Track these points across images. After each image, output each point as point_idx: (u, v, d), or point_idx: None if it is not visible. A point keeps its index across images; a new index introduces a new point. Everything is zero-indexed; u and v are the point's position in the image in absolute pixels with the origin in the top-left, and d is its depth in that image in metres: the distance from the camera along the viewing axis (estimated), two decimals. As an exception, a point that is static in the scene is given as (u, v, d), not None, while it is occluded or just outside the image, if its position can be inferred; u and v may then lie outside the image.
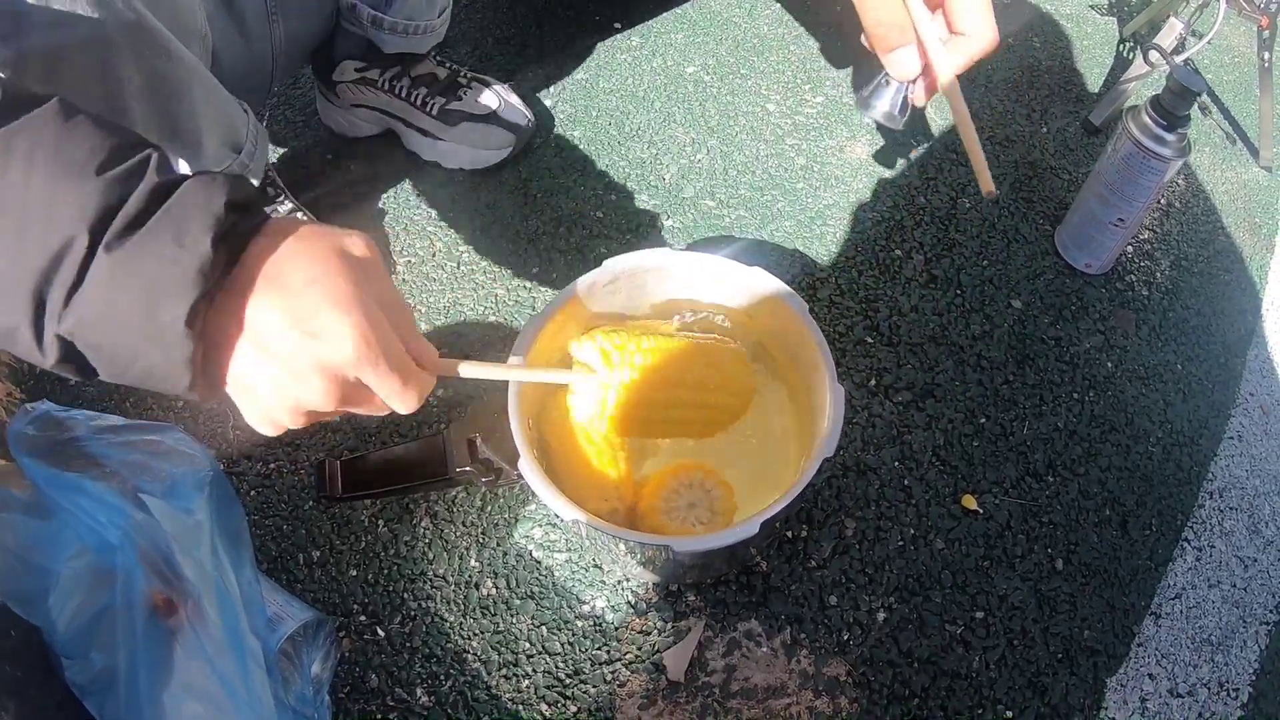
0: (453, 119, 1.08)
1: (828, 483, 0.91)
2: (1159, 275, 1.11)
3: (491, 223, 1.08)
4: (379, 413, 0.52)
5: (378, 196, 1.10)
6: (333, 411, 0.49)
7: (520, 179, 1.12)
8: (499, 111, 1.09)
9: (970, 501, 0.91)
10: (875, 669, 0.82)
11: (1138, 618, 0.87)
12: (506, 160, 1.11)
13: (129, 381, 0.44)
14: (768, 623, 0.83)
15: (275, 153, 1.14)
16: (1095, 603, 0.87)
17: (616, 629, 0.83)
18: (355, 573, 0.85)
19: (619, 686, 0.80)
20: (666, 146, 1.17)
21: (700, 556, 0.76)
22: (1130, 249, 1.12)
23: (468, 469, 0.73)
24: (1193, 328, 1.07)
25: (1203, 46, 1.09)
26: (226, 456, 0.90)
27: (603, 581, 0.85)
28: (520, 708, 0.79)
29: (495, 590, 0.84)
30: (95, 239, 0.41)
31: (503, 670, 0.80)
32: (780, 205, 1.12)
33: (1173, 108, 0.92)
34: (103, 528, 0.61)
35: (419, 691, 0.79)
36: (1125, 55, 1.35)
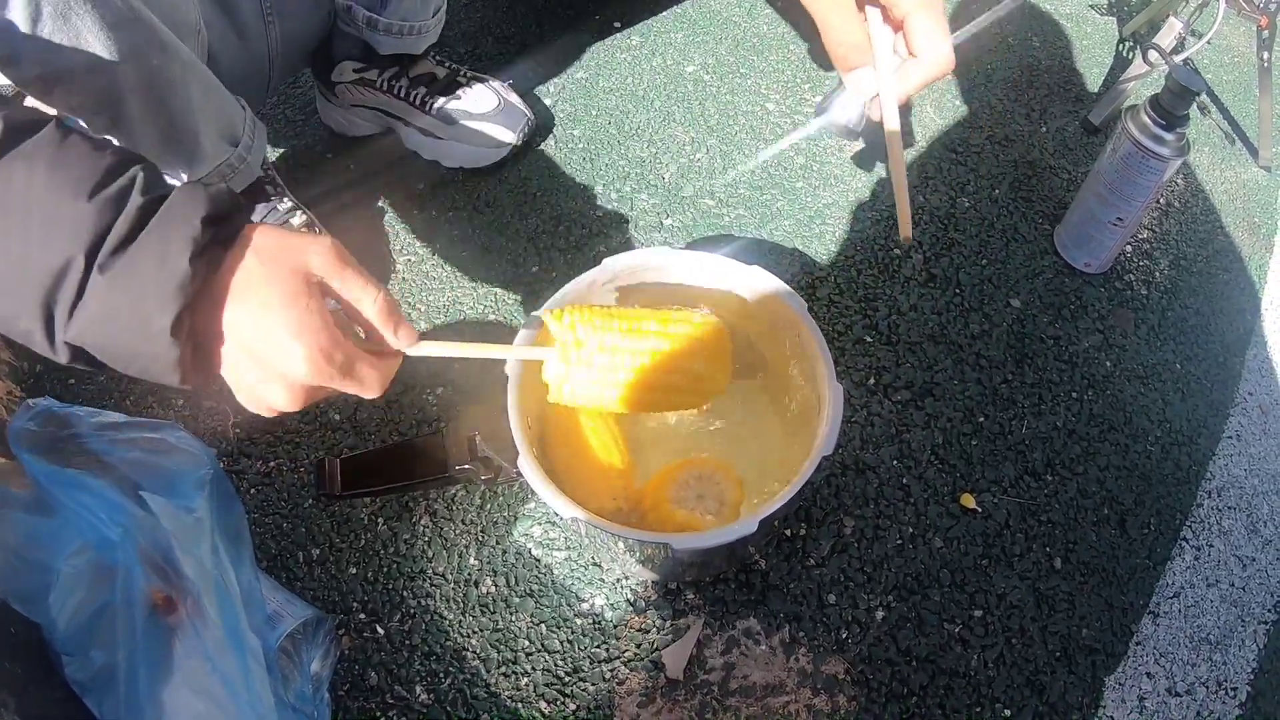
0: (452, 118, 1.08)
1: (826, 481, 0.91)
2: (1158, 274, 1.11)
3: (491, 221, 1.09)
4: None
5: (377, 195, 1.10)
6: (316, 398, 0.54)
7: (520, 178, 1.13)
8: (498, 110, 1.09)
9: (969, 500, 0.91)
10: (874, 667, 0.82)
11: (1136, 616, 0.87)
12: (506, 159, 1.11)
13: (133, 374, 0.50)
14: (766, 621, 0.83)
15: (275, 151, 1.14)
16: (1094, 601, 0.87)
17: (615, 627, 0.83)
18: (355, 570, 0.85)
19: (618, 684, 0.80)
20: (666, 145, 1.17)
21: (699, 554, 0.76)
22: (1129, 248, 1.13)
23: (467, 467, 0.73)
24: (1191, 327, 1.07)
25: (1202, 46, 1.09)
26: (227, 454, 0.90)
27: (602, 579, 0.85)
28: (519, 705, 0.79)
29: (494, 588, 0.84)
30: (90, 260, 0.46)
31: (502, 668, 0.81)
32: (779, 204, 1.12)
33: (1172, 107, 0.92)
34: (103, 525, 0.61)
35: (418, 689, 0.79)
36: (1125, 55, 1.35)
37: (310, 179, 1.11)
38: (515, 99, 1.11)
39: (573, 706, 0.79)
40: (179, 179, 0.82)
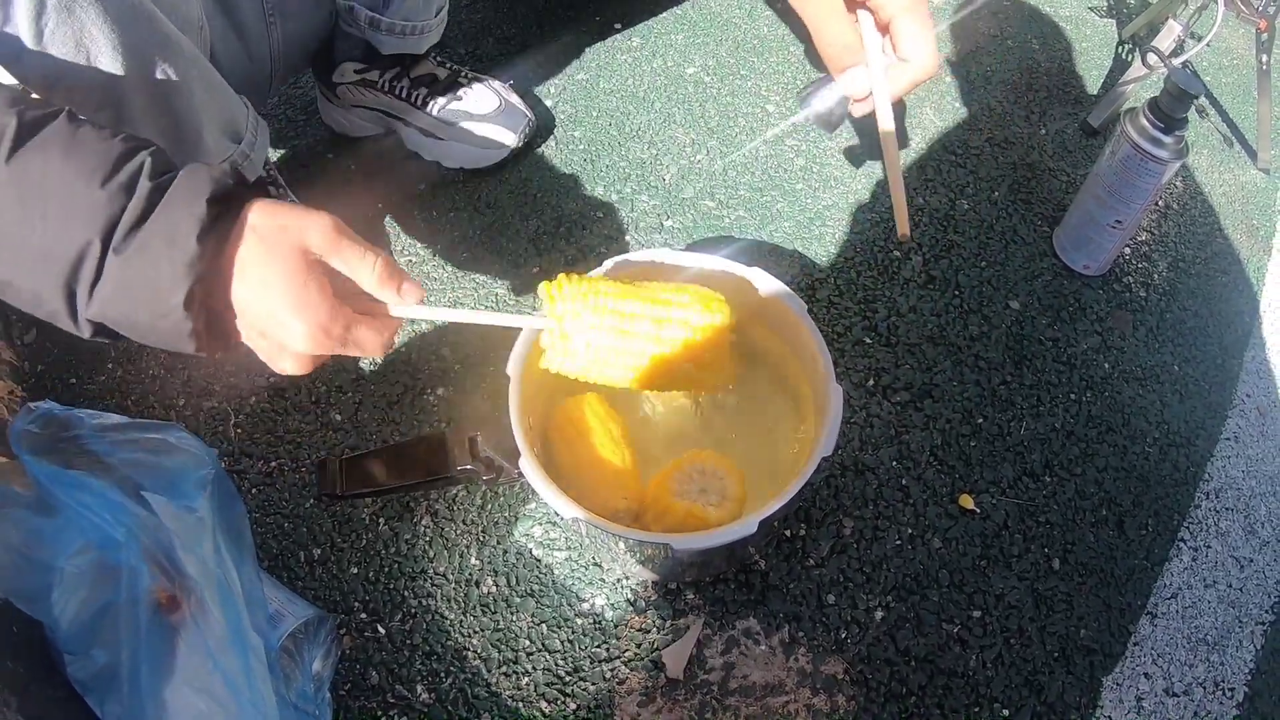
0: (453, 119, 1.08)
1: (826, 482, 0.91)
2: (1156, 277, 1.11)
3: (492, 222, 1.09)
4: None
5: (378, 196, 1.11)
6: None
7: (521, 179, 1.13)
8: (499, 111, 1.09)
9: (967, 501, 0.91)
10: (873, 667, 0.82)
11: (1134, 617, 0.88)
12: (507, 160, 1.12)
13: (152, 344, 0.54)
14: (766, 621, 0.84)
15: (276, 152, 1.14)
16: (1092, 602, 0.87)
17: (616, 627, 0.83)
18: (356, 570, 0.85)
19: (618, 684, 0.80)
20: (666, 147, 1.17)
21: (699, 555, 0.76)
22: (1128, 250, 1.13)
23: (468, 467, 0.73)
24: (1190, 329, 1.07)
25: (1201, 49, 1.09)
26: (228, 454, 0.90)
27: (602, 579, 0.85)
28: (520, 705, 0.79)
29: (495, 588, 0.85)
30: (105, 243, 0.50)
31: (503, 667, 0.81)
32: (779, 206, 1.12)
33: (1170, 110, 0.92)
34: (107, 524, 0.61)
35: (419, 689, 0.80)
36: (1124, 57, 1.35)
37: (311, 179, 1.11)
38: (516, 100, 1.11)
39: (573, 706, 0.79)
40: None
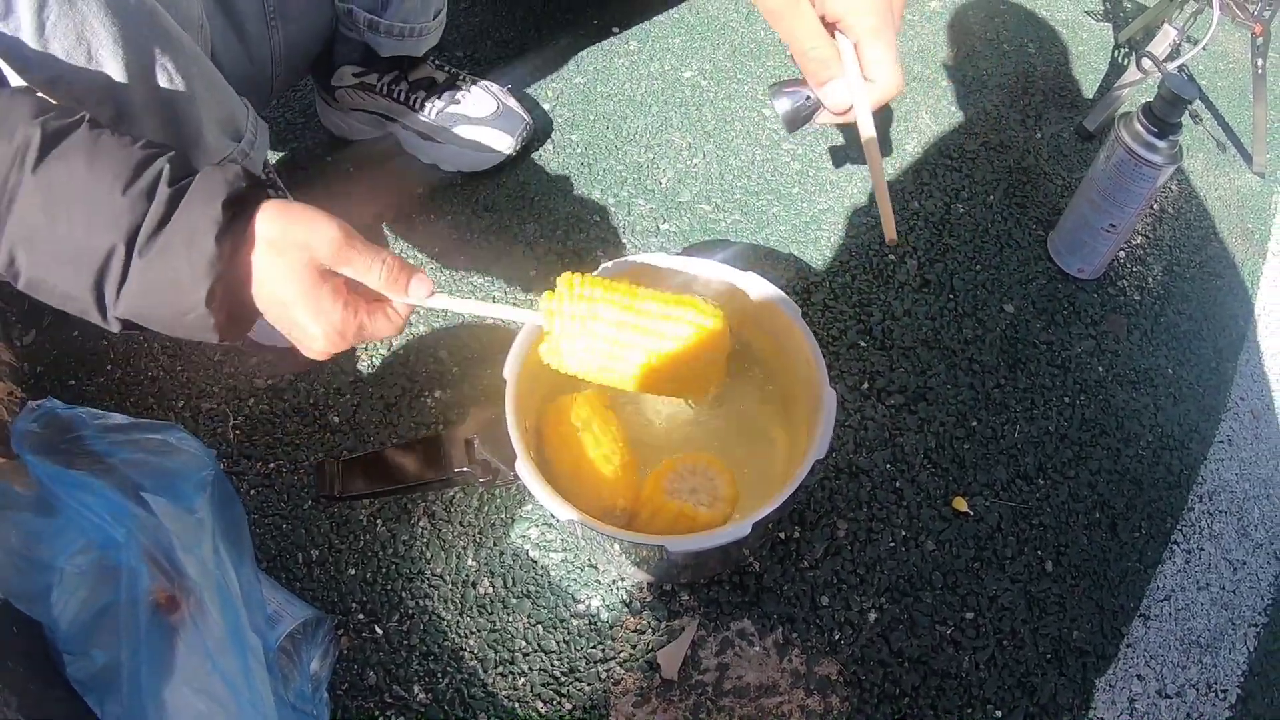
0: (451, 122, 1.09)
1: (820, 484, 0.92)
2: (1151, 280, 1.12)
3: (489, 225, 1.09)
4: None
5: (376, 199, 1.11)
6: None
7: (518, 182, 1.13)
8: (497, 115, 1.10)
9: (961, 504, 0.92)
10: (866, 668, 0.83)
11: (1127, 619, 0.88)
12: (504, 163, 1.12)
13: (179, 335, 0.58)
14: (760, 622, 0.84)
15: (275, 154, 1.15)
16: (1084, 604, 0.88)
17: (611, 628, 0.84)
18: (354, 571, 0.86)
19: (613, 684, 0.81)
20: (663, 150, 1.18)
21: (694, 556, 0.76)
22: (1122, 254, 1.13)
23: (465, 469, 0.73)
24: (1184, 333, 1.08)
25: (1196, 53, 1.10)
26: (227, 456, 0.91)
27: (598, 581, 0.86)
28: (516, 705, 0.80)
29: (492, 589, 0.85)
30: (129, 247, 0.53)
31: (499, 668, 0.81)
32: (775, 209, 1.13)
33: (1164, 115, 0.93)
34: (107, 525, 0.62)
35: (416, 689, 0.80)
36: (1120, 61, 1.35)
37: (310, 182, 1.11)
38: (514, 104, 1.12)
39: (569, 706, 0.80)
40: None
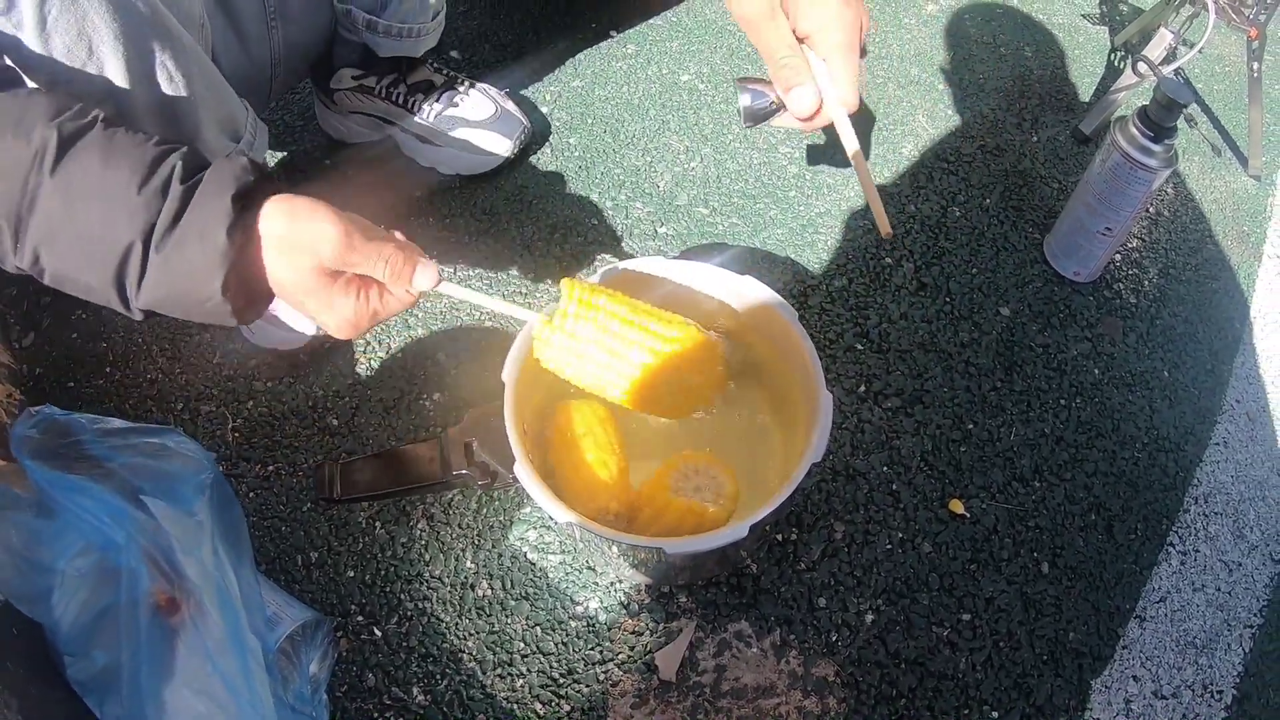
0: (449, 125, 1.09)
1: (817, 487, 0.92)
2: (1147, 283, 1.12)
3: (487, 229, 1.10)
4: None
5: (375, 201, 1.11)
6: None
7: (516, 185, 1.14)
8: (495, 118, 1.10)
9: (957, 506, 0.92)
10: (863, 670, 0.83)
11: (1123, 620, 0.88)
12: (503, 167, 1.13)
13: (200, 321, 0.61)
14: (758, 624, 0.84)
15: (273, 157, 1.15)
16: (1081, 605, 0.88)
17: (609, 629, 0.84)
18: (353, 574, 0.86)
19: (611, 686, 0.81)
20: (661, 154, 1.18)
21: (691, 558, 0.77)
22: (1118, 257, 1.14)
23: (464, 472, 0.74)
24: (1180, 335, 1.08)
25: (1192, 56, 1.10)
26: (226, 458, 0.91)
27: (596, 583, 0.86)
28: (515, 707, 0.80)
29: (490, 591, 0.85)
30: (146, 243, 0.56)
31: (498, 670, 0.82)
32: (772, 213, 1.13)
33: (1160, 119, 0.93)
34: (108, 527, 0.62)
35: (415, 691, 0.80)
36: (1116, 65, 1.36)
37: (308, 185, 1.11)
38: (512, 107, 1.12)
39: (567, 708, 0.80)
40: None
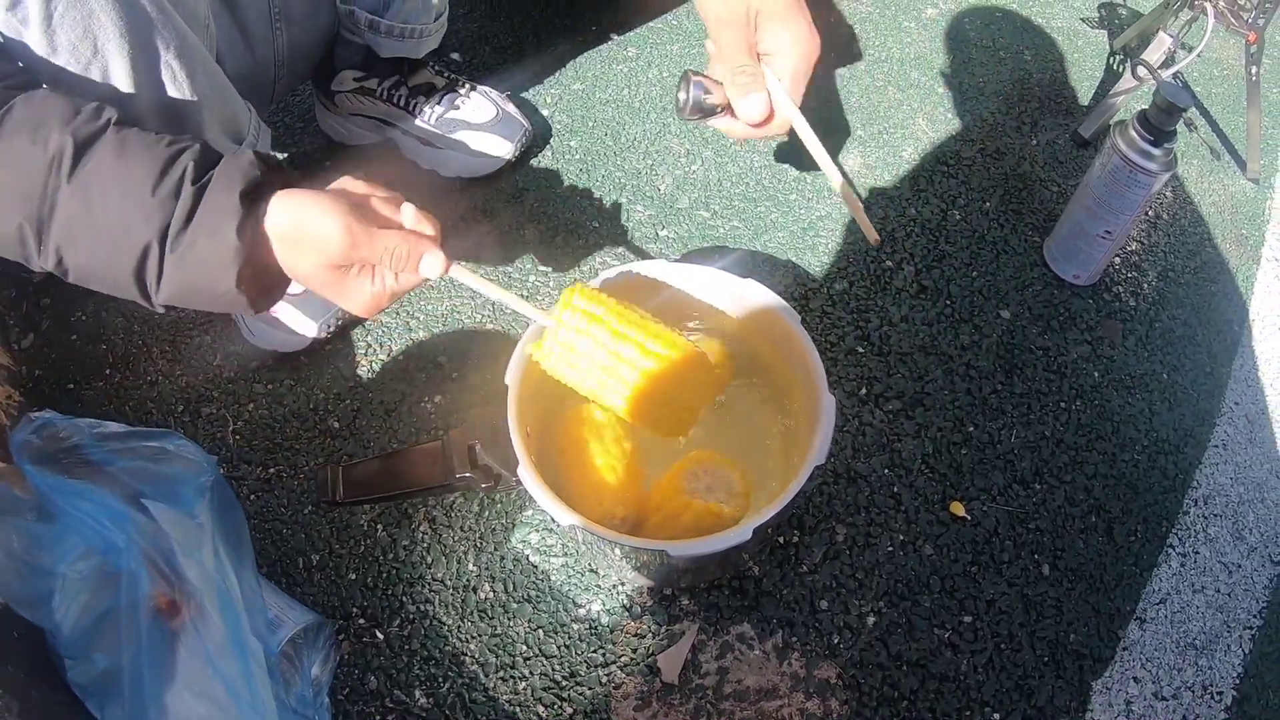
0: (450, 128, 1.09)
1: (819, 490, 0.92)
2: (1146, 286, 1.13)
3: (488, 231, 1.10)
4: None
5: (377, 204, 1.11)
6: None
7: (517, 188, 1.14)
8: (496, 121, 1.10)
9: (958, 508, 0.92)
10: (865, 672, 0.83)
11: (1123, 622, 0.89)
12: (504, 169, 1.13)
13: (221, 311, 0.67)
14: (760, 626, 0.85)
15: (275, 160, 1.15)
16: (1081, 607, 0.88)
17: (612, 632, 0.84)
18: (354, 576, 0.86)
19: (614, 688, 0.81)
20: (662, 157, 1.18)
21: (694, 561, 0.77)
22: (1118, 260, 1.14)
23: (467, 475, 0.74)
24: (1179, 338, 1.09)
25: (1191, 60, 1.11)
26: (227, 461, 0.91)
27: (598, 585, 0.86)
28: (517, 709, 0.80)
29: (493, 594, 0.85)
30: (162, 243, 0.59)
31: (500, 673, 0.82)
32: (773, 216, 1.14)
33: (1159, 123, 0.93)
34: (108, 530, 0.62)
35: (417, 693, 0.80)
36: (1115, 68, 1.36)
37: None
38: (513, 109, 1.12)
39: (570, 710, 0.80)
40: None
